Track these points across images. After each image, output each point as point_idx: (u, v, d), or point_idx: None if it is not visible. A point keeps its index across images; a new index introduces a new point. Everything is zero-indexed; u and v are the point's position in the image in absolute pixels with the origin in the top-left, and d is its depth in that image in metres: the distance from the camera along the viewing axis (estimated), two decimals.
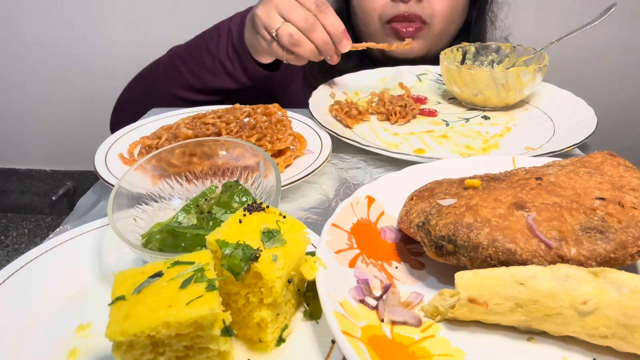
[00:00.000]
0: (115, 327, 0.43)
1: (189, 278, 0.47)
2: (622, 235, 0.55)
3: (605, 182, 0.62)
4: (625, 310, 0.48)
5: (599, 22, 1.12)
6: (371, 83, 1.27)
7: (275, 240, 0.53)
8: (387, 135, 1.03)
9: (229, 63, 1.16)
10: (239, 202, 0.67)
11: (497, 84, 1.07)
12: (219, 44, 1.17)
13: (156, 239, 0.63)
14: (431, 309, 0.56)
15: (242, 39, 1.12)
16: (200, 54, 1.20)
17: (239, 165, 0.76)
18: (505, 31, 1.49)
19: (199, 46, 1.21)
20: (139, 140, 0.96)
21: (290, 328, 0.56)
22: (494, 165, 0.78)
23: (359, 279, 0.59)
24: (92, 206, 0.85)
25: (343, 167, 0.95)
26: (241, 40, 1.12)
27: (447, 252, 0.59)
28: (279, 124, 0.93)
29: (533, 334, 0.54)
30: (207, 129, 0.91)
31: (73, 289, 0.63)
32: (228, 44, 1.15)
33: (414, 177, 0.76)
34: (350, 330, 0.51)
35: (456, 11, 1.33)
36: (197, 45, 1.22)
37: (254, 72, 1.15)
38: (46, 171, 2.91)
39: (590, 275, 0.51)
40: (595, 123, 0.98)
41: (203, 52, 1.19)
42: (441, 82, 1.29)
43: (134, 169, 0.71)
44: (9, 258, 2.62)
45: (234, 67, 1.16)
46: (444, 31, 1.34)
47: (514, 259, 0.55)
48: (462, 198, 0.62)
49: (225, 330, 0.47)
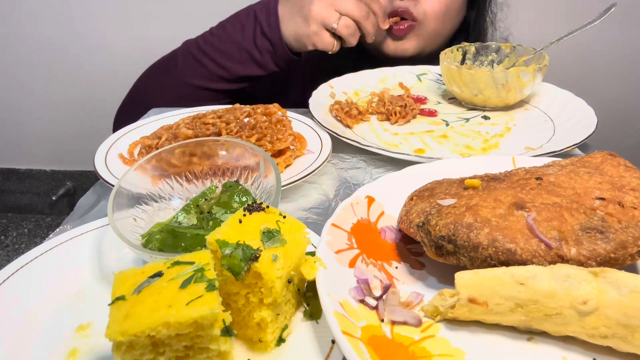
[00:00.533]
0: (115, 327, 0.43)
1: (189, 278, 0.47)
2: (622, 235, 0.55)
3: (605, 182, 0.62)
4: (625, 310, 0.48)
5: (599, 22, 1.12)
6: (371, 83, 1.27)
7: (275, 240, 0.53)
8: (387, 135, 1.03)
9: (257, 52, 1.21)
10: (239, 202, 0.67)
11: (497, 84, 1.07)
12: (244, 33, 1.21)
13: (156, 239, 0.63)
14: (431, 309, 0.56)
15: (276, 31, 1.17)
16: (223, 43, 1.23)
17: (239, 165, 0.76)
18: (505, 31, 1.49)
19: (220, 37, 1.24)
20: (139, 140, 0.96)
21: (290, 328, 0.56)
22: (494, 165, 0.78)
23: (359, 279, 0.59)
24: (92, 206, 0.85)
25: (343, 167, 0.95)
26: (275, 32, 1.18)
27: (447, 252, 0.59)
28: (279, 124, 0.93)
29: (533, 334, 0.54)
30: (207, 129, 0.91)
31: (73, 289, 0.63)
32: (255, 33, 1.20)
33: (414, 177, 0.76)
34: (350, 330, 0.51)
35: (452, 10, 1.33)
36: (218, 36, 1.25)
37: (285, 59, 1.22)
38: (46, 171, 2.91)
39: (590, 275, 0.51)
40: (595, 123, 0.98)
41: (227, 42, 1.23)
42: (441, 82, 1.29)
43: (134, 169, 0.71)
44: (9, 258, 2.62)
45: (262, 56, 1.21)
46: (439, 30, 1.33)
47: (514, 259, 0.55)
48: (462, 198, 0.62)
49: (225, 330, 0.47)
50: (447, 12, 1.31)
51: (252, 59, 1.22)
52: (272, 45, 1.20)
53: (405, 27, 1.28)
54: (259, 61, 1.22)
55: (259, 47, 1.20)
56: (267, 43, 1.20)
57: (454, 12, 1.34)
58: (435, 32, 1.33)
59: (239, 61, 1.22)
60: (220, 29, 1.26)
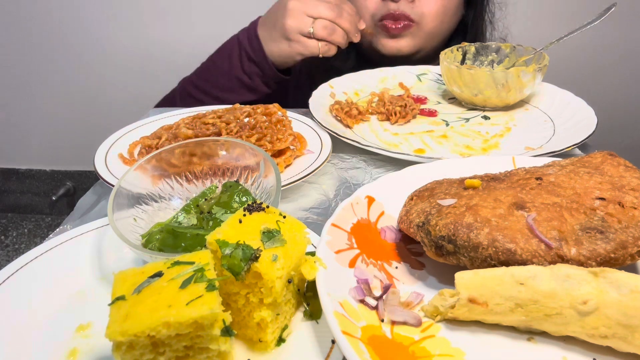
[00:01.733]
0: (115, 327, 0.43)
1: (189, 278, 0.47)
2: (622, 235, 0.55)
3: (605, 182, 0.62)
4: (625, 310, 0.48)
5: (599, 22, 1.12)
6: (371, 83, 1.27)
7: (275, 240, 0.53)
8: (387, 135, 1.03)
9: (246, 77, 1.25)
10: (239, 202, 0.67)
11: (497, 84, 1.07)
12: (231, 62, 1.26)
13: (156, 239, 0.63)
14: (431, 309, 0.56)
15: (260, 53, 1.22)
16: (213, 76, 1.29)
17: (239, 165, 0.76)
18: (504, 30, 1.49)
19: (209, 70, 1.30)
20: (139, 140, 0.96)
21: (290, 328, 0.56)
22: (494, 165, 0.78)
23: (359, 279, 0.59)
24: (92, 206, 0.85)
25: (343, 167, 0.95)
26: (259, 54, 1.22)
27: (447, 252, 0.59)
28: (279, 124, 0.93)
29: (533, 334, 0.54)
30: (207, 129, 0.91)
31: (73, 289, 0.63)
32: (242, 60, 1.24)
33: (414, 177, 0.76)
34: (350, 330, 0.51)
35: (449, 10, 1.33)
36: (208, 69, 1.30)
37: (274, 78, 1.25)
38: (46, 171, 2.91)
39: (590, 275, 0.50)
40: (595, 123, 0.98)
41: (217, 74, 1.28)
42: (441, 82, 1.29)
43: (134, 169, 0.71)
44: (9, 258, 2.62)
45: (252, 80, 1.25)
46: (436, 30, 1.34)
47: (514, 259, 0.55)
48: (462, 198, 0.62)
49: (225, 330, 0.47)
50: (445, 12, 1.31)
51: (243, 85, 1.26)
52: (259, 67, 1.24)
53: (402, 27, 1.28)
54: (249, 86, 1.26)
55: (247, 72, 1.25)
56: (254, 67, 1.24)
57: (451, 11, 1.34)
58: (432, 32, 1.33)
59: (230, 90, 1.26)
60: (209, 62, 1.32)
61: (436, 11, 1.29)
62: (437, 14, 1.30)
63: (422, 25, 1.30)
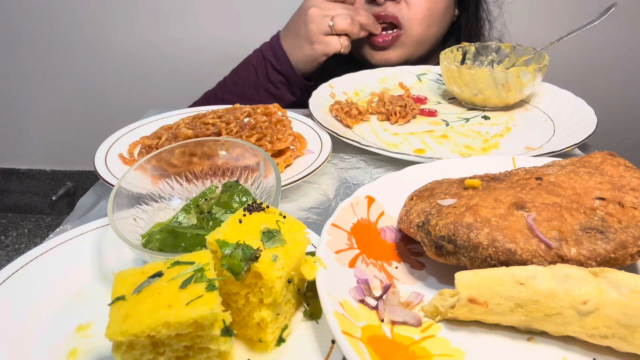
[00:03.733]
0: (115, 327, 0.43)
1: (189, 278, 0.47)
2: (622, 235, 0.55)
3: (605, 182, 0.62)
4: (625, 310, 0.48)
5: (599, 22, 1.12)
6: (371, 83, 1.27)
7: (275, 240, 0.53)
8: (387, 135, 1.03)
9: (272, 87, 1.30)
10: (239, 202, 0.67)
11: (497, 84, 1.07)
12: (257, 74, 1.31)
13: (156, 239, 0.63)
14: (431, 309, 0.56)
15: (285, 62, 1.27)
16: (239, 88, 1.33)
17: (239, 165, 0.76)
18: (502, 30, 1.48)
19: (235, 82, 1.35)
20: (139, 140, 0.96)
21: (290, 328, 0.56)
22: (494, 165, 0.78)
23: (359, 279, 0.59)
24: (92, 206, 0.85)
25: (343, 167, 0.95)
26: (285, 63, 1.27)
27: (447, 252, 0.59)
28: (279, 124, 0.93)
29: (533, 334, 0.54)
30: (207, 129, 0.91)
31: (73, 289, 0.63)
32: (267, 70, 1.30)
33: (414, 177, 0.76)
34: (350, 330, 0.51)
35: (436, 14, 1.30)
36: (234, 82, 1.35)
37: (300, 86, 1.30)
38: (46, 171, 2.91)
39: (590, 275, 0.51)
40: (595, 123, 0.98)
41: (242, 86, 1.33)
42: (441, 82, 1.29)
43: (134, 169, 0.71)
44: (9, 258, 2.62)
45: (277, 89, 1.30)
46: (422, 36, 1.31)
47: (514, 259, 0.55)
48: (462, 198, 0.62)
49: (225, 330, 0.47)
50: (431, 15, 1.29)
51: (269, 95, 1.31)
52: (285, 76, 1.28)
53: (390, 39, 1.29)
54: (275, 94, 1.31)
55: (273, 81, 1.30)
56: (279, 76, 1.29)
57: (437, 16, 1.31)
58: (419, 38, 1.31)
59: (257, 100, 1.28)
60: (234, 76, 1.36)
61: (422, 15, 1.27)
62: (424, 17, 1.28)
63: (408, 31, 1.28)
